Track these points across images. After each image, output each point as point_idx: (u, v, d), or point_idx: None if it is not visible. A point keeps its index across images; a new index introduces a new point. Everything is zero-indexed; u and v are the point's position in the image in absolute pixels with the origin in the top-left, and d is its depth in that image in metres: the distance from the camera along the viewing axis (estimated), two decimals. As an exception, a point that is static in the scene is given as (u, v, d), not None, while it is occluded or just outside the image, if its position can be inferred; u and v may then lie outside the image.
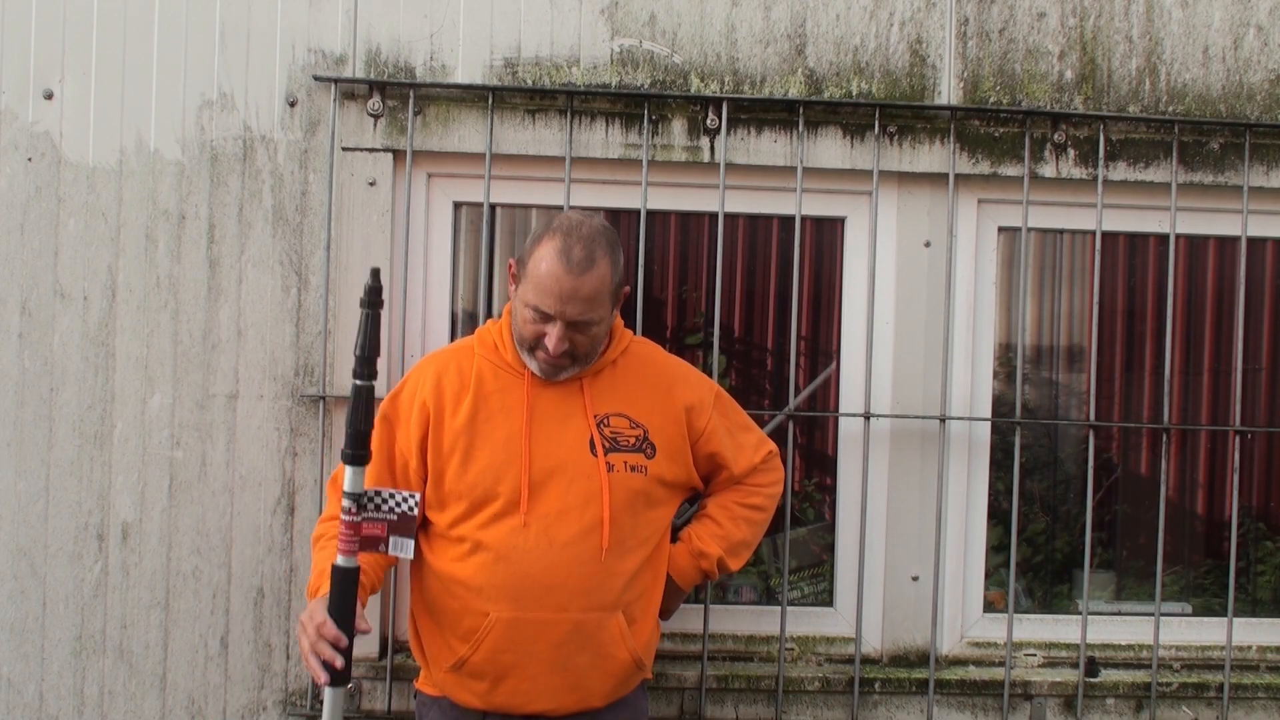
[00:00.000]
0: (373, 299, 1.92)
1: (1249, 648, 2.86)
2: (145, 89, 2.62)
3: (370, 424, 1.96)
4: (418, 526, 2.20)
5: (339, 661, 1.92)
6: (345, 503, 1.94)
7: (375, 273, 1.93)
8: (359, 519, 1.95)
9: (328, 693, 1.97)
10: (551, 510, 2.10)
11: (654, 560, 2.24)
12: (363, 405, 1.93)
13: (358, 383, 1.93)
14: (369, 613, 2.66)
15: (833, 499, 2.86)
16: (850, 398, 2.78)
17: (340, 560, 1.95)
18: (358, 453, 1.94)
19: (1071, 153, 2.75)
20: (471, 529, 2.11)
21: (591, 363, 2.20)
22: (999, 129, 2.74)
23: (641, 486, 2.17)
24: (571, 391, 2.19)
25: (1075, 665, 2.78)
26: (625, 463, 2.16)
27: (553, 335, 2.08)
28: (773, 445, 2.41)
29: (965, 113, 2.72)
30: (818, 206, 2.77)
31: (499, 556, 2.09)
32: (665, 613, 2.34)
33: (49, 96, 2.61)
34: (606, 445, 2.15)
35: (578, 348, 2.13)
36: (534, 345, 2.13)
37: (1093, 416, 2.82)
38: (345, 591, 1.94)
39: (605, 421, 2.18)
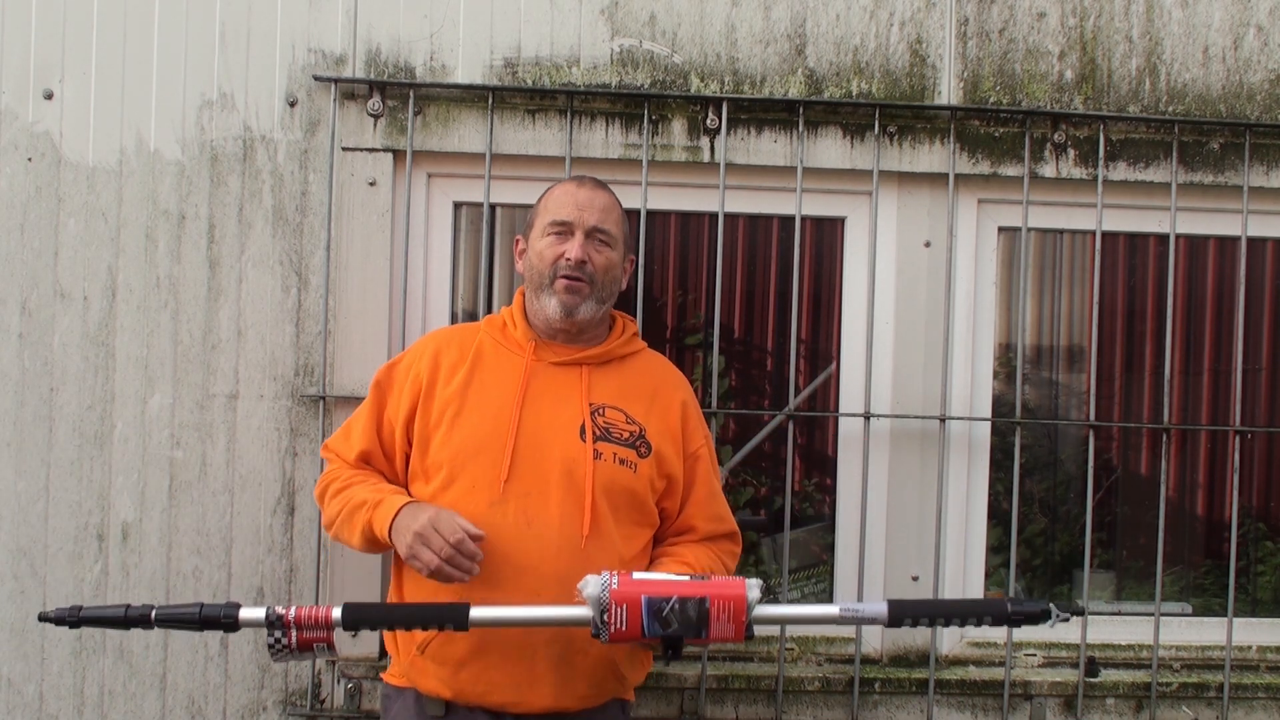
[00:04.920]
0: None
1: (1249, 648, 2.86)
2: (145, 89, 2.62)
3: None
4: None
5: (474, 571, 1.95)
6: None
7: None
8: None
9: None
10: (531, 489, 2.04)
11: (633, 568, 2.12)
12: None
13: None
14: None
15: (833, 499, 2.86)
16: (850, 398, 2.78)
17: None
18: None
19: (1071, 153, 2.75)
20: (449, 501, 2.05)
21: (605, 306, 2.18)
22: (999, 129, 2.74)
23: (628, 484, 2.10)
24: (571, 376, 2.15)
25: (1075, 665, 2.78)
26: (615, 454, 2.09)
27: (574, 243, 2.12)
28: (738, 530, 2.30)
29: (965, 113, 2.72)
30: (818, 206, 2.77)
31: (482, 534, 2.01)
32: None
33: (49, 96, 2.61)
34: (597, 434, 2.10)
35: (595, 268, 2.13)
36: (552, 274, 2.12)
37: (1093, 416, 2.82)
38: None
39: (600, 411, 2.13)
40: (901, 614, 1.96)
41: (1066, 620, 1.97)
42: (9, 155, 2.60)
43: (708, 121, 2.68)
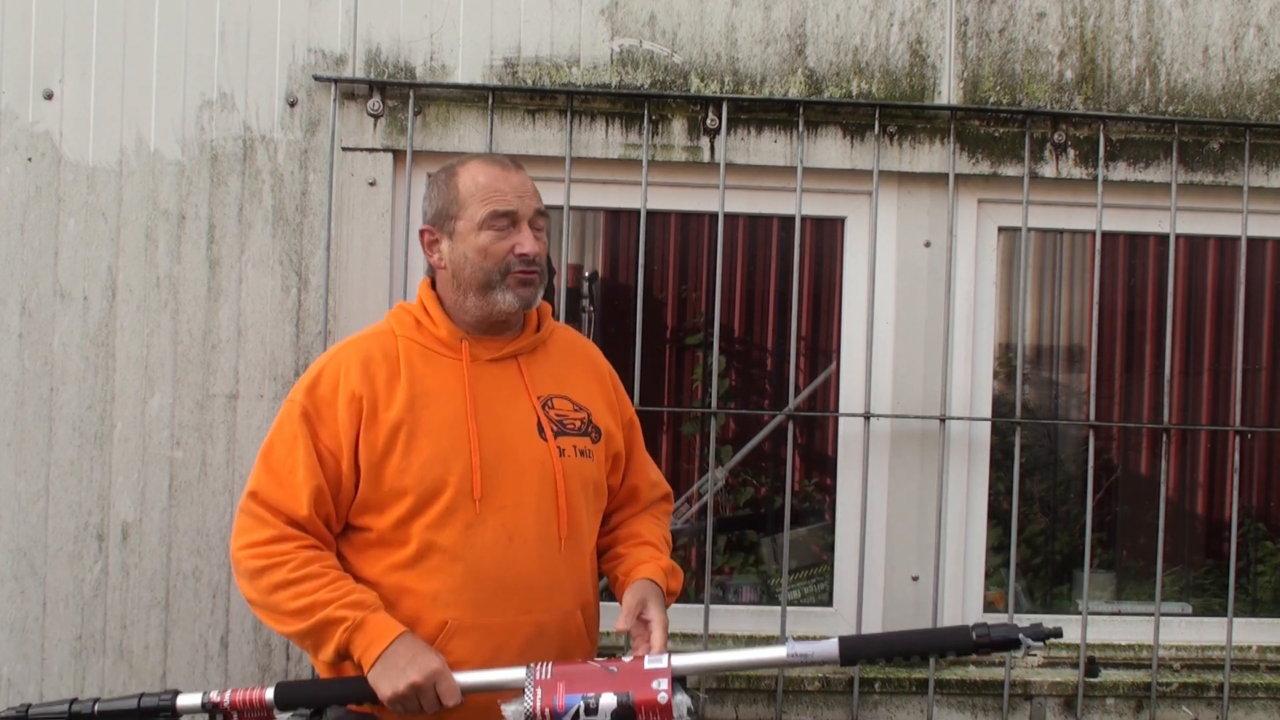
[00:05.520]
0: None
1: (1249, 648, 2.86)
2: (145, 89, 2.62)
3: None
4: (337, 537, 1.96)
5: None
6: None
7: None
8: None
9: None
10: (507, 502, 1.92)
11: (595, 562, 2.09)
12: None
13: None
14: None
15: (833, 499, 2.86)
16: (850, 398, 2.78)
17: None
18: None
19: (1071, 153, 2.75)
20: (420, 528, 1.89)
21: (541, 295, 2.04)
22: (999, 129, 2.74)
23: (592, 474, 2.02)
24: (509, 372, 2.00)
25: (1075, 665, 2.78)
26: (575, 447, 1.99)
27: (526, 236, 1.94)
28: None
29: (965, 113, 2.72)
30: (818, 206, 2.77)
31: (454, 557, 1.89)
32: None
33: (49, 96, 2.61)
34: (555, 429, 1.98)
35: (541, 255, 1.98)
36: (504, 270, 1.94)
37: (1093, 416, 2.82)
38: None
39: (549, 404, 2.01)
40: (855, 653, 1.86)
41: (1042, 646, 1.87)
42: (9, 155, 2.60)
43: (708, 121, 2.68)
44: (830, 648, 1.84)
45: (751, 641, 2.78)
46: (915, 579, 2.75)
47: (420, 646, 1.83)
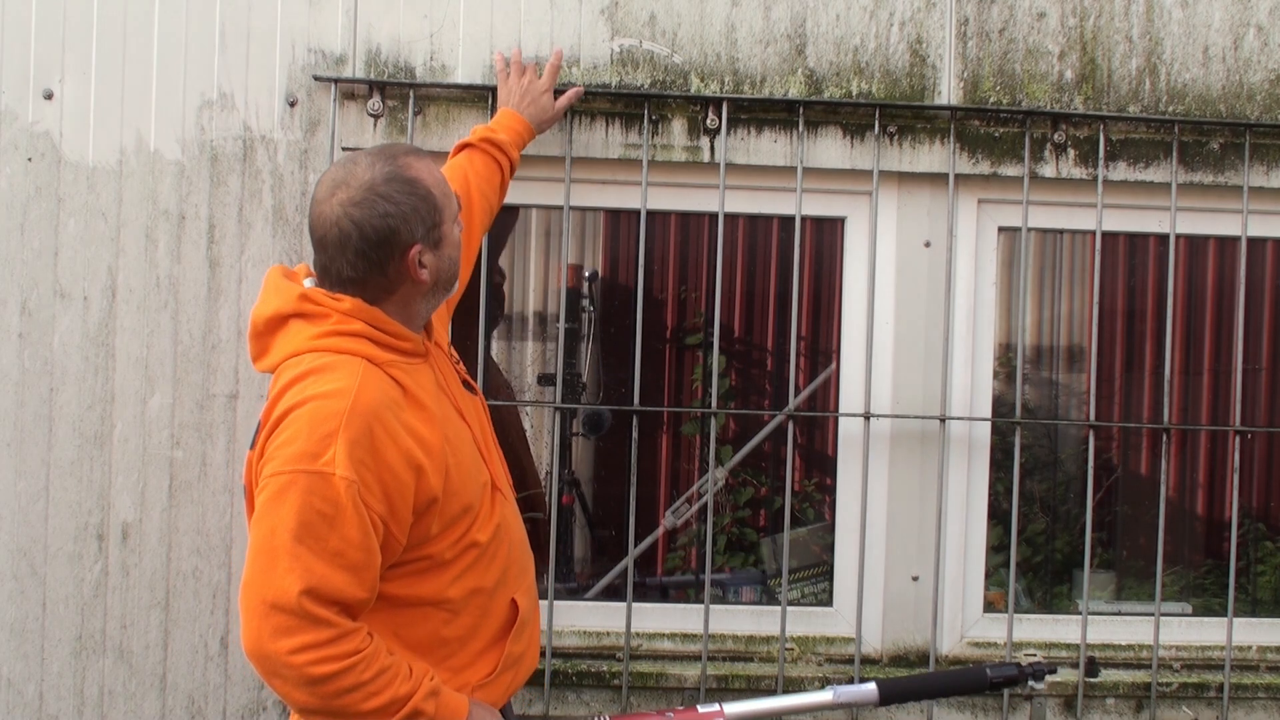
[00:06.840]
0: None
1: (1249, 648, 2.87)
2: (145, 89, 2.62)
3: None
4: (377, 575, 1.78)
5: None
6: None
7: None
8: None
9: None
10: (501, 469, 2.00)
11: None
12: None
13: None
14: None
15: (833, 499, 2.86)
16: (850, 398, 2.78)
17: None
18: None
19: (1071, 153, 2.75)
20: (476, 531, 1.89)
21: None
22: (999, 129, 2.74)
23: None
24: (432, 346, 1.96)
25: (1075, 665, 2.78)
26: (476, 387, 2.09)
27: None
28: None
29: (965, 113, 2.72)
30: (818, 206, 2.77)
31: (501, 539, 1.93)
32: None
33: (49, 96, 2.61)
34: (470, 381, 2.05)
35: None
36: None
37: (1093, 416, 2.82)
38: None
39: (452, 357, 2.03)
40: (890, 695, 2.19)
41: (1043, 685, 2.22)
42: (9, 155, 2.60)
43: (708, 121, 2.68)
44: (870, 690, 2.18)
45: (751, 642, 2.79)
46: (915, 579, 2.75)
47: (485, 709, 1.90)
